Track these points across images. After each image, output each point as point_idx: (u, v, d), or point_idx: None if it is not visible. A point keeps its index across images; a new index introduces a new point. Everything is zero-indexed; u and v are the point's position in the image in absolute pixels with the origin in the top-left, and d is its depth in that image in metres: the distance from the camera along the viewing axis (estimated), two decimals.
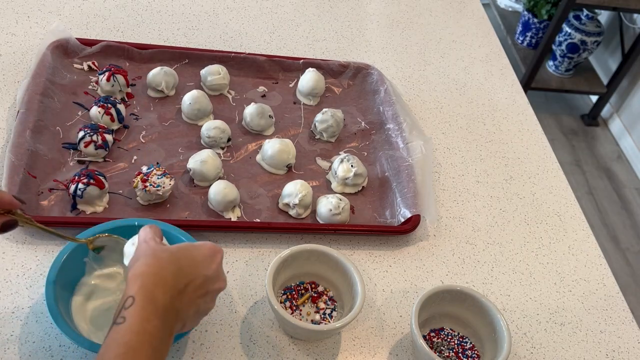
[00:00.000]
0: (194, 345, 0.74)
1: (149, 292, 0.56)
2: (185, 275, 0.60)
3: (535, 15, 2.71)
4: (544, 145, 1.15)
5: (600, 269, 0.97)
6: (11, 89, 0.98)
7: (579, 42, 2.62)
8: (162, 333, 0.55)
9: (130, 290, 0.56)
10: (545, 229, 1.00)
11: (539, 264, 0.95)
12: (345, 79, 1.14)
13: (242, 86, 1.08)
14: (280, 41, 1.21)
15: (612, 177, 2.64)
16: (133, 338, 0.53)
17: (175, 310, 0.58)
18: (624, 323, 0.90)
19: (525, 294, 0.90)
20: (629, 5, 2.40)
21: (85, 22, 1.14)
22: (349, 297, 0.78)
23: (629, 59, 2.62)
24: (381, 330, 0.81)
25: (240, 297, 0.80)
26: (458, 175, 1.05)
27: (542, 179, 1.09)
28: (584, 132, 2.82)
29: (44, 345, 0.70)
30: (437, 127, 1.13)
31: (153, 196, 0.85)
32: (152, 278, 0.57)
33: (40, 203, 0.83)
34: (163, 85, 1.00)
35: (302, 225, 0.89)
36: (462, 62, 1.29)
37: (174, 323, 0.58)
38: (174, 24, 1.19)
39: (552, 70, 2.78)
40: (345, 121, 1.06)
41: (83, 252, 0.74)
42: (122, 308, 0.55)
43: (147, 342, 0.53)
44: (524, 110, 1.22)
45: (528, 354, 0.83)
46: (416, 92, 1.19)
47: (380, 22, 1.34)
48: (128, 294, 0.56)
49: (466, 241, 0.95)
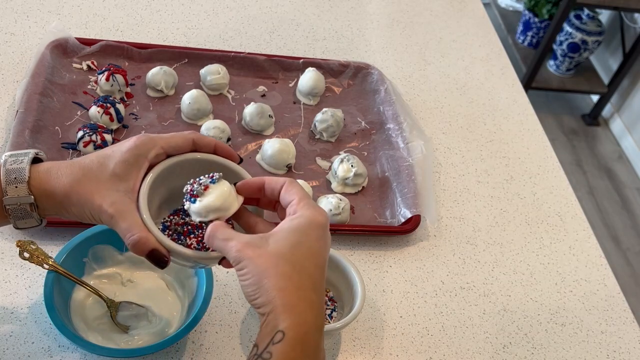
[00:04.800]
0: (194, 346, 0.74)
1: (300, 329, 0.50)
2: (320, 282, 0.53)
3: (536, 15, 2.71)
4: (544, 145, 1.15)
5: (601, 270, 0.96)
6: (10, 88, 0.97)
7: (579, 41, 2.61)
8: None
9: (280, 323, 0.50)
10: (546, 229, 1.00)
11: (540, 264, 0.94)
12: (345, 78, 1.14)
13: (241, 86, 1.08)
14: (280, 41, 1.21)
15: (612, 177, 2.63)
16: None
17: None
18: (625, 323, 0.90)
19: (526, 294, 0.90)
20: (629, 4, 2.40)
21: (85, 21, 1.14)
22: (349, 298, 0.78)
23: (629, 59, 2.62)
24: (381, 330, 0.81)
25: (240, 298, 0.80)
26: (458, 175, 1.05)
27: (543, 179, 1.08)
28: (585, 132, 2.82)
29: (42, 346, 0.70)
30: (437, 127, 1.13)
31: None
32: (297, 306, 0.50)
33: None
34: (162, 84, 1.00)
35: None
36: (462, 61, 1.29)
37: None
38: (174, 24, 1.18)
39: (552, 70, 2.78)
40: (345, 121, 1.05)
41: (82, 253, 0.74)
42: (271, 343, 0.49)
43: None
44: (525, 110, 1.22)
45: (529, 355, 0.83)
46: (416, 91, 1.19)
47: (380, 21, 1.34)
48: (278, 326, 0.49)
49: (467, 241, 0.95)
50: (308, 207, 0.55)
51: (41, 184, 0.57)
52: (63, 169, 0.57)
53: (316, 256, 0.53)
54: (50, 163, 0.59)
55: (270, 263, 0.51)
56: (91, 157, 0.58)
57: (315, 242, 0.54)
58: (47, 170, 0.57)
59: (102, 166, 0.57)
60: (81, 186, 0.56)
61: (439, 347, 0.81)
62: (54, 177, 0.57)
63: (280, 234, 0.53)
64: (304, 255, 0.53)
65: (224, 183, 0.57)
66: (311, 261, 0.53)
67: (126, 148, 0.58)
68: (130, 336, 0.71)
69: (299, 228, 0.53)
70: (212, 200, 0.56)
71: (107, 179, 0.56)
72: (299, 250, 0.52)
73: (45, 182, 0.57)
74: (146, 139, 0.59)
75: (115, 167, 0.57)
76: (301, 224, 0.54)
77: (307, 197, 0.56)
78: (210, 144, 0.61)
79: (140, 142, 0.58)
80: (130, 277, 0.77)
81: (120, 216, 0.55)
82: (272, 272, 0.51)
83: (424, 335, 0.81)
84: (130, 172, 0.57)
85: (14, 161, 0.57)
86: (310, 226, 0.54)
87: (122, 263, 0.77)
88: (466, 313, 0.85)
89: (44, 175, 0.57)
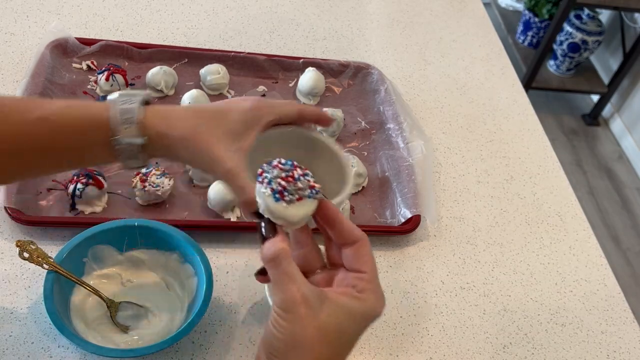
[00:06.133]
0: (194, 346, 0.74)
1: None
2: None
3: (536, 15, 2.71)
4: (544, 145, 1.15)
5: (601, 270, 0.96)
6: (10, 88, 0.97)
7: (579, 41, 2.61)
8: None
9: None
10: (546, 229, 1.00)
11: (540, 264, 0.94)
12: (345, 78, 1.14)
13: (241, 86, 1.08)
14: (280, 40, 1.21)
15: (613, 177, 2.63)
16: None
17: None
18: (625, 323, 0.90)
19: (526, 294, 0.90)
20: (629, 4, 2.40)
21: (84, 21, 1.13)
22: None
23: (629, 59, 2.62)
24: (381, 330, 0.81)
25: (240, 298, 0.80)
26: (458, 175, 1.05)
27: (543, 179, 1.08)
28: (585, 132, 2.82)
29: (42, 346, 0.70)
30: (437, 126, 1.13)
31: (152, 196, 0.85)
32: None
33: (39, 203, 0.82)
34: (162, 84, 1.00)
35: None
36: (462, 61, 1.29)
37: None
38: (173, 23, 1.18)
39: (553, 70, 2.78)
40: (345, 121, 1.05)
41: (82, 253, 0.74)
42: None
43: None
44: (525, 110, 1.22)
45: (529, 355, 0.82)
46: (416, 91, 1.19)
47: (380, 21, 1.34)
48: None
49: (467, 241, 0.95)
50: (375, 291, 0.51)
51: (155, 125, 0.56)
52: (180, 113, 0.58)
53: (352, 346, 0.51)
54: (165, 107, 0.59)
55: (313, 337, 0.48)
56: (209, 108, 0.60)
57: (360, 333, 0.51)
58: (161, 113, 0.57)
59: (222, 120, 0.58)
60: (200, 135, 0.56)
61: (439, 347, 0.81)
62: (170, 121, 0.57)
63: (337, 308, 0.49)
64: (345, 344, 0.50)
65: (315, 202, 0.51)
66: (347, 351, 0.51)
67: (246, 108, 0.59)
68: (130, 336, 0.71)
69: (357, 315, 0.50)
70: (295, 215, 0.50)
71: (226, 133, 0.57)
72: (345, 337, 0.50)
73: (158, 124, 0.57)
74: (264, 103, 0.60)
75: (234, 124, 0.58)
76: (360, 312, 0.50)
77: (376, 276, 0.52)
78: (313, 112, 0.63)
79: (259, 105, 0.59)
80: (130, 277, 0.77)
81: (236, 172, 0.56)
82: (309, 347, 0.48)
83: (424, 336, 0.81)
84: (245, 132, 0.58)
85: (125, 101, 0.57)
86: (366, 318, 0.51)
87: (122, 263, 0.77)
88: (466, 313, 0.85)
89: (158, 117, 0.57)
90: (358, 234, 0.52)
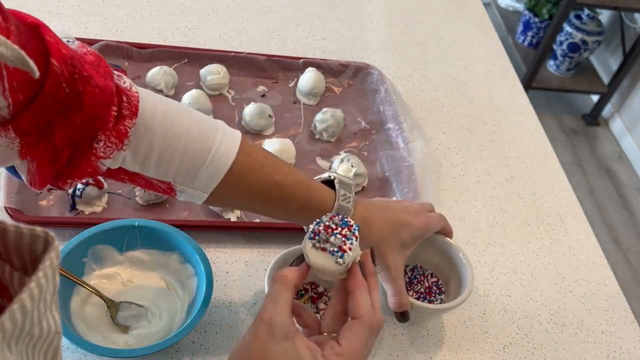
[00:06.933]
0: (194, 347, 0.74)
1: None
2: None
3: (536, 15, 2.71)
4: (544, 145, 1.15)
5: (602, 270, 0.96)
6: None
7: (579, 41, 2.61)
8: None
9: None
10: (546, 229, 1.00)
11: (540, 264, 0.94)
12: (345, 78, 1.14)
13: (241, 86, 1.08)
14: (280, 40, 1.21)
15: (613, 177, 2.63)
16: None
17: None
18: (625, 324, 0.90)
19: (526, 294, 0.90)
20: (629, 4, 2.40)
21: (84, 21, 1.13)
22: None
23: (629, 59, 2.62)
24: (381, 331, 0.80)
25: (240, 298, 0.80)
26: (459, 175, 1.05)
27: (543, 179, 1.08)
28: (585, 132, 2.82)
29: None
30: (437, 126, 1.13)
31: (152, 196, 0.85)
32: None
33: (39, 203, 0.82)
34: (162, 84, 1.00)
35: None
36: (462, 61, 1.29)
37: None
38: (173, 24, 1.18)
39: (552, 70, 2.78)
40: (345, 121, 1.05)
41: (82, 253, 0.74)
42: None
43: None
44: (525, 110, 1.22)
45: (529, 355, 0.82)
46: (416, 91, 1.19)
47: (380, 21, 1.34)
48: None
49: (467, 241, 0.95)
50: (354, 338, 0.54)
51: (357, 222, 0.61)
52: (377, 220, 0.69)
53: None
54: (368, 206, 0.70)
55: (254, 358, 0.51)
56: (395, 218, 0.71)
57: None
58: (364, 214, 0.68)
59: (400, 234, 0.70)
60: (383, 244, 0.69)
61: (439, 347, 0.81)
62: (367, 222, 0.67)
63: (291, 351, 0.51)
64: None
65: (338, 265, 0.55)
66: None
67: (420, 227, 0.73)
68: (130, 336, 0.71)
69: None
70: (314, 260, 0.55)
71: (399, 245, 0.70)
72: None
73: (362, 224, 0.62)
74: (430, 226, 0.76)
75: (407, 239, 0.71)
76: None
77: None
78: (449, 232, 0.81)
79: (428, 227, 0.75)
80: (130, 277, 0.77)
81: (398, 278, 0.70)
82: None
83: (424, 335, 0.81)
84: (412, 245, 0.72)
85: (345, 198, 0.67)
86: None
87: (122, 263, 0.77)
88: (466, 313, 0.85)
89: (362, 220, 0.67)
90: (362, 313, 0.54)
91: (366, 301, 0.54)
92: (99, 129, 0.54)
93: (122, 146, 0.56)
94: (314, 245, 0.55)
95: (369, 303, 0.54)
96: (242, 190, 0.64)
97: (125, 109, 0.55)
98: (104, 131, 0.55)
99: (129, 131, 0.56)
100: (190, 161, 0.59)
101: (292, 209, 0.66)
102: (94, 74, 0.53)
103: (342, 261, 0.55)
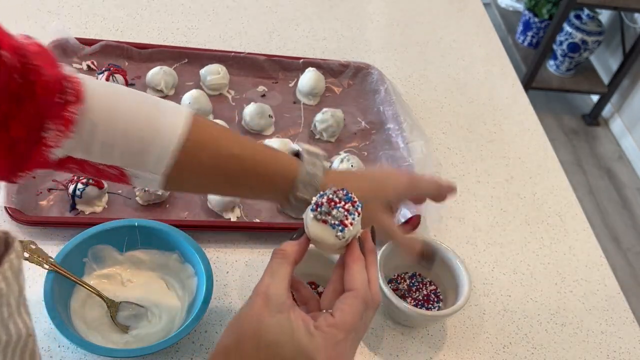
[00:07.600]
0: (194, 346, 0.74)
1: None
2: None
3: (536, 15, 2.71)
4: (544, 145, 1.15)
5: (602, 270, 0.96)
6: None
7: (579, 41, 2.61)
8: None
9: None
10: (546, 229, 1.00)
11: (540, 264, 0.94)
12: (345, 78, 1.14)
13: (241, 86, 1.08)
14: (280, 40, 1.21)
15: (613, 177, 2.63)
16: None
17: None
18: (625, 324, 0.90)
19: (526, 294, 0.90)
20: (629, 4, 2.39)
21: (85, 21, 1.13)
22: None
23: (629, 59, 2.62)
24: (381, 331, 0.81)
25: (240, 298, 0.80)
26: (459, 175, 1.05)
27: (543, 179, 1.08)
28: (585, 132, 2.82)
29: (42, 346, 0.70)
30: (437, 126, 1.13)
31: (152, 196, 0.85)
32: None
33: (39, 203, 0.82)
34: (162, 84, 1.00)
35: (302, 225, 0.88)
36: (462, 61, 1.29)
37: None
38: (173, 24, 1.18)
39: (552, 70, 2.78)
40: (345, 121, 1.05)
41: (82, 253, 0.74)
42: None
43: None
44: (525, 110, 1.22)
45: (529, 355, 0.82)
46: (416, 91, 1.19)
47: (380, 21, 1.34)
48: None
49: (467, 241, 0.95)
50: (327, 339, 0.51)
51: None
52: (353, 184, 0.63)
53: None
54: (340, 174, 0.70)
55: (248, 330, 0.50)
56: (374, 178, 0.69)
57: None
58: (338, 179, 0.65)
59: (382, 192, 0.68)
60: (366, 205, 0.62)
61: (439, 347, 0.81)
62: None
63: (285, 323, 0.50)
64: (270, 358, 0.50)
65: (337, 239, 0.55)
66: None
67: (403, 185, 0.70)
68: (130, 336, 0.71)
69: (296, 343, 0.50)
70: (313, 231, 0.55)
71: (384, 204, 0.68)
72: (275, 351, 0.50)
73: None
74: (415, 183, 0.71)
75: (392, 197, 0.69)
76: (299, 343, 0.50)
77: (344, 329, 0.52)
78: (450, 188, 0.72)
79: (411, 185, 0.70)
80: (130, 277, 0.77)
81: (394, 230, 0.69)
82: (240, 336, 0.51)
83: (424, 335, 0.81)
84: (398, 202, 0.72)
85: (312, 163, 0.64)
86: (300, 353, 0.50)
87: (122, 263, 0.77)
88: (466, 313, 0.85)
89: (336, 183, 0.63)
90: (356, 285, 0.53)
91: (361, 274, 0.54)
92: (48, 118, 0.53)
93: (69, 133, 0.54)
94: (316, 217, 0.55)
95: (364, 276, 0.54)
96: (198, 169, 0.61)
97: (70, 95, 0.54)
98: (52, 119, 0.53)
99: (75, 117, 0.54)
100: (135, 143, 0.57)
101: (256, 183, 0.63)
102: (41, 63, 0.52)
103: (342, 235, 0.54)
